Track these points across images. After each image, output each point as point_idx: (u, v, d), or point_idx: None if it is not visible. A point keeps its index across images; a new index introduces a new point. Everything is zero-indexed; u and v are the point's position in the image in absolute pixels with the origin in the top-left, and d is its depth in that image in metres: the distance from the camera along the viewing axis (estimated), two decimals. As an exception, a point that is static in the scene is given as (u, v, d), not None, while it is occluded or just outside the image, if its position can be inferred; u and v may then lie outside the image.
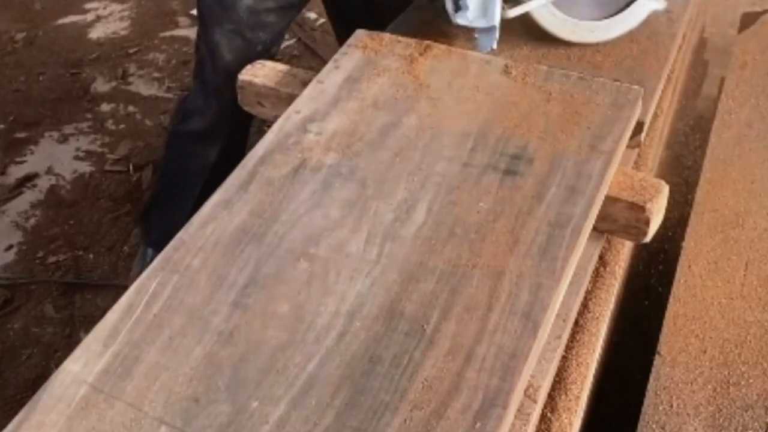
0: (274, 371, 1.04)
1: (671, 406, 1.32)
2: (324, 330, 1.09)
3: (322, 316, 1.11)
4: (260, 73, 1.59)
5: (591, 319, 1.32)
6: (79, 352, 1.04)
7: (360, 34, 1.59)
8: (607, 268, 1.40)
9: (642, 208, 1.34)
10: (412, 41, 1.57)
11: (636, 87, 1.47)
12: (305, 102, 1.45)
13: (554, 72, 1.51)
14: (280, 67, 1.62)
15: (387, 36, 1.58)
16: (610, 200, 1.34)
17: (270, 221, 1.24)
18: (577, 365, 1.25)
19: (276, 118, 1.42)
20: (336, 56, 1.55)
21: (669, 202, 1.37)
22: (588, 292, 1.36)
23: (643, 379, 1.37)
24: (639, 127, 1.48)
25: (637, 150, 1.54)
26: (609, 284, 1.38)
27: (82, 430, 0.97)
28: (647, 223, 1.35)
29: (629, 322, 1.65)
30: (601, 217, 1.33)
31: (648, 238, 1.37)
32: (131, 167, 2.66)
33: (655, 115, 1.64)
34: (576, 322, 1.31)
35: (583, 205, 1.26)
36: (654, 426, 1.29)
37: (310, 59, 3.14)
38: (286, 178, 1.31)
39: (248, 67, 1.61)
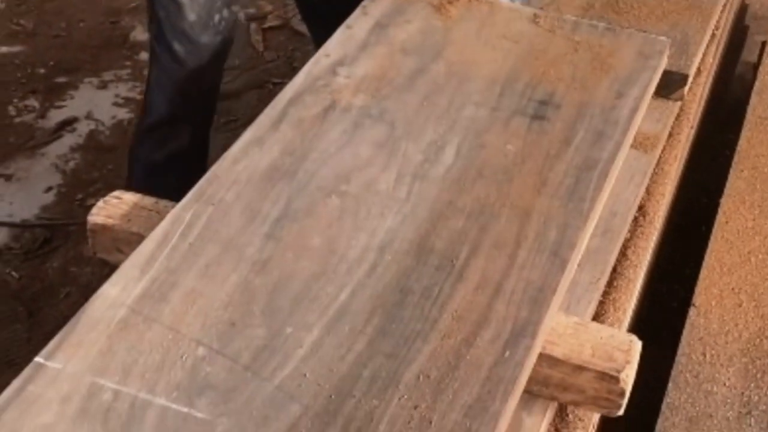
0: (307, 299, 1.06)
1: (705, 356, 1.34)
2: (355, 262, 1.11)
3: (354, 250, 1.13)
4: (116, 212, 1.22)
5: (629, 267, 1.34)
6: (116, 277, 1.07)
7: (388, -18, 1.60)
8: (647, 218, 1.42)
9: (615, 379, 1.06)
10: (440, -10, 1.58)
11: (662, 38, 1.49)
12: (334, 46, 1.47)
13: (582, 22, 1.52)
14: (145, 201, 1.24)
15: (415, -16, 1.59)
16: (574, 368, 1.07)
17: (301, 159, 1.25)
18: (614, 310, 1.28)
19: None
20: (364, 3, 1.56)
21: (711, 156, 1.35)
22: (627, 240, 1.37)
23: (676, 332, 1.39)
24: (683, 80, 1.50)
25: (679, 103, 1.56)
26: (648, 233, 1.40)
27: (121, 349, 0.99)
28: (622, 395, 1.07)
29: (666, 273, 1.67)
30: (564, 387, 1.09)
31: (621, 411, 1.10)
32: None
33: (698, 71, 1.65)
34: (614, 269, 1.33)
35: (610, 150, 1.28)
36: (687, 375, 1.32)
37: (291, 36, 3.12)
38: (316, 118, 1.32)
39: (100, 204, 1.22)
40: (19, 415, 0.92)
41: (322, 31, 1.61)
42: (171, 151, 1.96)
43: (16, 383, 0.96)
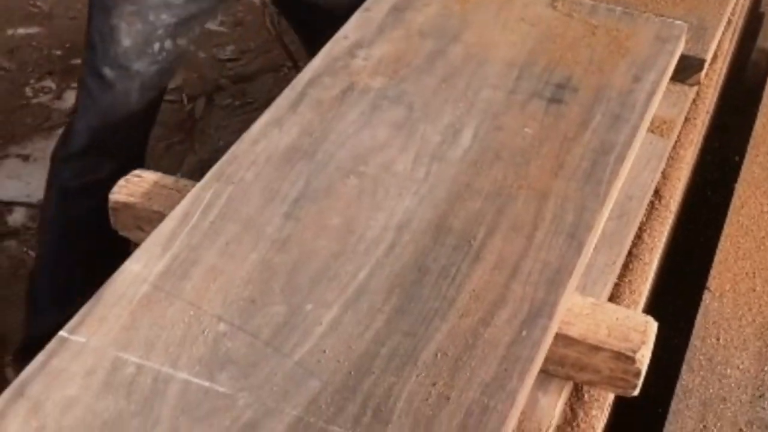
0: (327, 278, 1.08)
1: (718, 339, 1.35)
2: (374, 242, 1.13)
3: (372, 229, 1.14)
4: (137, 191, 1.24)
5: (645, 250, 1.35)
6: (138, 254, 1.08)
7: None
8: (662, 202, 1.43)
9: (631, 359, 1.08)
10: (458, -27, 1.59)
11: (680, 22, 1.49)
12: (352, 29, 1.47)
13: (599, 6, 1.52)
14: (165, 180, 1.26)
15: (433, -33, 1.60)
16: (590, 348, 1.09)
17: (320, 140, 1.27)
18: (630, 293, 1.29)
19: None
20: (381, -14, 1.57)
21: (725, 138, 1.35)
22: (642, 224, 1.38)
23: (690, 316, 1.40)
24: (699, 65, 1.50)
25: (695, 88, 1.56)
26: (663, 217, 1.40)
27: (144, 325, 1.01)
28: (637, 375, 1.09)
29: (681, 256, 1.68)
30: (579, 366, 1.11)
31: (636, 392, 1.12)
32: (185, 98, 2.70)
33: (715, 56, 1.65)
34: (630, 252, 1.33)
35: (627, 133, 1.29)
36: (701, 358, 1.33)
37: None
38: (334, 100, 1.33)
39: (121, 183, 1.24)
40: (44, 387, 0.94)
41: (310, 45, 1.55)
42: (86, 182, 1.76)
43: (40, 357, 0.98)
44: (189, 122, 2.61)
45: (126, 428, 0.91)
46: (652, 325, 1.10)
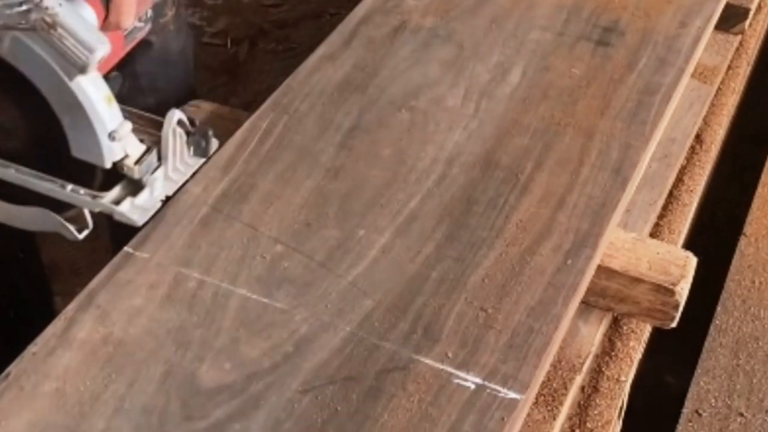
0: (379, 205, 1.12)
1: (753, 282, 1.39)
2: (424, 173, 1.16)
3: (423, 161, 1.18)
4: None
5: (685, 191, 1.38)
6: (199, 177, 1.12)
7: None
8: (703, 146, 1.46)
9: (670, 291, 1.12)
10: None
11: (728, -30, 1.50)
12: (403, -30, 1.50)
13: (648, -48, 1.54)
14: (222, 110, 1.34)
15: None
16: (631, 280, 1.13)
17: (372, 75, 1.30)
18: (669, 232, 1.32)
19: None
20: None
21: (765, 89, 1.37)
22: (683, 167, 1.41)
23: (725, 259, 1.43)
24: (744, 13, 1.52)
25: (739, 37, 1.58)
26: (704, 161, 1.43)
27: (204, 243, 1.05)
28: (676, 307, 1.13)
29: (718, 203, 1.71)
30: (620, 298, 1.15)
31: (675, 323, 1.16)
32: (229, 41, 2.73)
33: (759, 7, 1.66)
34: (670, 193, 1.36)
35: (672, 76, 1.31)
36: (735, 299, 1.36)
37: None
38: (386, 37, 1.36)
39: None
40: (111, 297, 0.99)
41: None
42: None
43: (105, 271, 1.03)
44: (233, 65, 2.64)
45: (189, 337, 0.96)
46: (692, 260, 1.13)
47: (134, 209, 0.99)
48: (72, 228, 1.02)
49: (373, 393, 0.92)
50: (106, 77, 0.96)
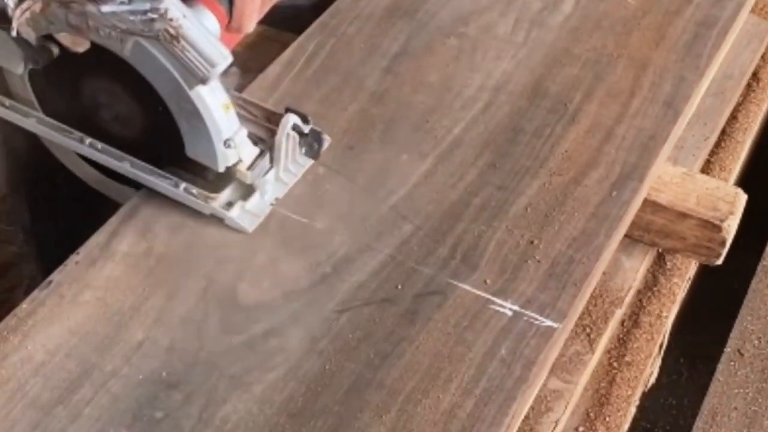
0: (422, 131, 1.11)
1: None
2: (470, 100, 1.15)
3: (469, 88, 1.16)
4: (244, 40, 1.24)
5: (738, 129, 1.35)
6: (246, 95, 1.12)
7: None
8: (760, 84, 1.42)
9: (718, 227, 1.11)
10: None
11: None
12: None
13: None
14: (269, 31, 1.39)
15: None
16: (677, 215, 1.13)
17: (421, 1, 1.28)
18: (720, 170, 1.29)
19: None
20: None
21: None
22: (738, 104, 1.38)
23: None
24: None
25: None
26: (760, 99, 1.40)
27: (247, 162, 1.05)
28: (723, 244, 1.13)
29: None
30: (665, 233, 1.15)
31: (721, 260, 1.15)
32: None
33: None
34: (723, 131, 1.34)
35: (731, 9, 1.27)
36: None
37: None
38: (438, -37, 1.34)
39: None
40: (154, 211, 1.00)
41: None
42: None
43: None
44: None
45: (230, 253, 0.96)
46: (742, 197, 1.11)
47: (244, 214, 0.99)
48: None
49: (409, 316, 0.92)
50: (225, 72, 0.95)
